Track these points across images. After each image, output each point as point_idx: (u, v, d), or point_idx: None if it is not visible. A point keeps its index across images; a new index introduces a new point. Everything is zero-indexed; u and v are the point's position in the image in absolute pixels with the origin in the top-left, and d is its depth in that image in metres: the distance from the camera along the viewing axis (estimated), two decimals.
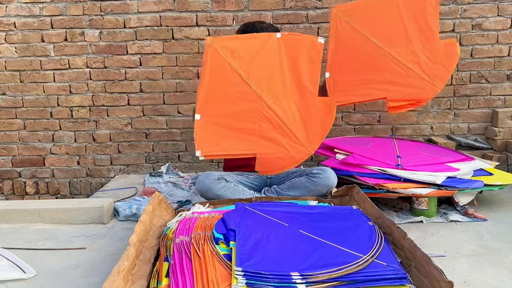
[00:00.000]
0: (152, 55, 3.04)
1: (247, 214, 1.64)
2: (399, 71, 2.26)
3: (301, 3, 2.95)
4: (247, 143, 2.04)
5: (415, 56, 2.26)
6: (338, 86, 2.27)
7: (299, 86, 2.09)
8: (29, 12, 3.00)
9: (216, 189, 2.14)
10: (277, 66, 2.08)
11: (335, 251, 1.35)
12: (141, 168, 3.17)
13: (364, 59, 2.29)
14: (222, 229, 1.51)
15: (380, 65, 2.27)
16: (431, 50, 2.26)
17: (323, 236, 1.45)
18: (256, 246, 1.36)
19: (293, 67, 2.09)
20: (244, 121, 2.05)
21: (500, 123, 2.94)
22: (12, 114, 3.13)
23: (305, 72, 2.09)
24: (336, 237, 1.45)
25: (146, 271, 1.40)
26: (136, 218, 2.12)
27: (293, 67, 2.09)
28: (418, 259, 1.32)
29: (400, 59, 2.26)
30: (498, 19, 2.94)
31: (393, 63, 2.26)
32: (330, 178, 2.13)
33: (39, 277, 1.57)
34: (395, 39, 2.27)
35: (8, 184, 3.20)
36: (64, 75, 3.08)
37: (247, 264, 1.23)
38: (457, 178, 2.12)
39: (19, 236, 1.98)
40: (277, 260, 1.29)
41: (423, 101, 2.32)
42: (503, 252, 1.70)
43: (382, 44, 2.26)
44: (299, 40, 2.11)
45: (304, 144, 2.06)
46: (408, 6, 2.28)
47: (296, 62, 2.09)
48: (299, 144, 2.05)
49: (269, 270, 1.21)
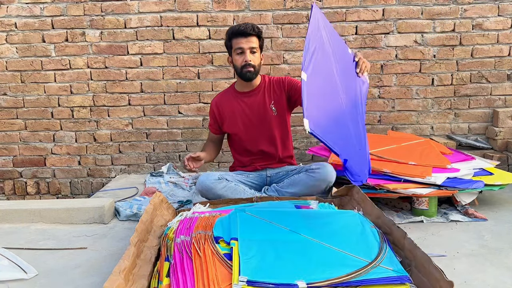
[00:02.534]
0: (152, 55, 3.04)
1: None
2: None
3: (301, 3, 2.95)
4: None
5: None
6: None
7: None
8: (30, 12, 3.01)
9: (217, 189, 2.14)
10: None
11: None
12: (142, 168, 3.18)
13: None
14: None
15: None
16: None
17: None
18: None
19: None
20: None
21: (501, 123, 2.94)
22: (13, 114, 3.13)
23: None
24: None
25: (147, 271, 1.40)
26: (137, 218, 2.12)
27: None
28: (418, 258, 1.32)
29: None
30: (498, 19, 2.94)
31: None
32: (328, 173, 2.14)
33: (40, 277, 1.57)
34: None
35: (9, 184, 3.21)
36: (65, 75, 3.08)
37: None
38: (458, 178, 2.12)
39: (20, 236, 1.98)
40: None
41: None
42: (504, 252, 1.69)
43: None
44: None
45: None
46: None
47: None
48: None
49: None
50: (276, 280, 1.20)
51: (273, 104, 2.31)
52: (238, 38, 2.20)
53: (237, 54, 2.21)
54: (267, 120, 2.30)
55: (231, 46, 2.24)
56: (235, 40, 2.21)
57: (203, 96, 3.07)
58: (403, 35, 2.97)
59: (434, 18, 2.94)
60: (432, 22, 2.95)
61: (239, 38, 2.19)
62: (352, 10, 2.95)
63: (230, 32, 2.23)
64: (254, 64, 2.21)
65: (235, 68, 2.26)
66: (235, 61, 2.24)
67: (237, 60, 2.22)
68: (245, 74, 2.22)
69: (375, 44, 2.98)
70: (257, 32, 2.22)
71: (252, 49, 2.21)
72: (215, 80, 3.05)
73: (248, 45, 2.19)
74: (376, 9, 2.94)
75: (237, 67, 2.23)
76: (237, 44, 2.20)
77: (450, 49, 2.98)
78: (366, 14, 2.95)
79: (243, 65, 2.20)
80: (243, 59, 2.20)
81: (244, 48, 2.19)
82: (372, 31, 2.96)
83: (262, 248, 1.39)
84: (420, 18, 2.95)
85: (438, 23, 2.95)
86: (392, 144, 2.51)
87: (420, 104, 3.05)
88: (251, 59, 2.20)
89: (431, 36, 2.96)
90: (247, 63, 2.19)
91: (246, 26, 2.20)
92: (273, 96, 2.31)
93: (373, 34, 2.97)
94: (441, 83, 3.02)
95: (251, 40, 2.20)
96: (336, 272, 1.23)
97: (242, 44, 2.19)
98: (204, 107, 3.08)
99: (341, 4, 2.94)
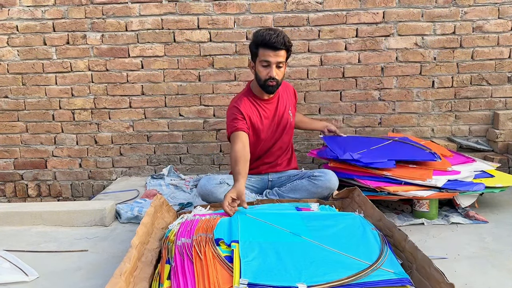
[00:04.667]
0: (153, 58, 3.05)
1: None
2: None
3: (302, 6, 2.96)
4: None
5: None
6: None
7: None
8: (31, 15, 3.01)
9: (218, 193, 2.13)
10: None
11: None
12: (143, 171, 3.18)
13: None
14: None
15: None
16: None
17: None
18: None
19: None
20: None
21: (501, 125, 2.94)
22: (14, 116, 3.14)
23: None
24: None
25: (148, 273, 1.41)
26: (137, 221, 2.13)
27: None
28: (419, 261, 1.32)
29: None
30: (498, 21, 2.94)
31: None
32: (331, 180, 2.14)
33: (41, 280, 1.57)
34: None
35: (10, 187, 3.21)
36: (66, 78, 3.09)
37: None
38: (458, 181, 2.12)
39: (21, 238, 1.99)
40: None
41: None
42: (505, 254, 1.69)
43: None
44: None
45: None
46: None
47: None
48: None
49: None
50: (277, 283, 1.20)
51: (290, 109, 2.35)
52: (267, 50, 2.10)
53: (262, 66, 2.14)
54: (286, 125, 2.33)
55: (257, 54, 2.14)
56: (262, 50, 2.11)
57: (203, 98, 3.07)
58: (404, 38, 2.97)
59: (435, 21, 2.95)
60: (432, 25, 2.95)
61: (268, 50, 2.10)
62: (353, 12, 2.95)
63: (260, 40, 2.11)
64: (278, 79, 2.16)
65: (257, 77, 2.20)
66: (258, 71, 2.16)
67: (261, 72, 2.14)
68: (267, 87, 2.17)
69: (375, 46, 2.98)
70: (287, 46, 2.13)
71: (279, 64, 2.13)
72: (216, 83, 3.05)
73: (275, 60, 2.11)
74: (376, 11, 2.95)
75: (260, 78, 2.16)
76: (264, 56, 2.11)
77: (450, 51, 2.98)
78: (367, 17, 2.95)
79: (267, 79, 2.14)
80: (268, 73, 2.13)
81: (271, 63, 2.11)
82: (373, 34, 2.97)
83: (263, 250, 1.39)
84: (420, 20, 2.95)
85: (438, 25, 2.95)
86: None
87: (420, 106, 3.05)
88: (276, 74, 2.13)
89: (431, 39, 2.96)
90: (271, 78, 2.13)
91: (278, 39, 2.07)
92: (287, 102, 2.36)
93: (373, 37, 2.97)
94: (442, 86, 3.02)
95: (280, 54, 2.11)
96: (337, 274, 1.23)
97: (270, 58, 2.10)
98: (205, 110, 3.08)
99: (341, 7, 2.94)
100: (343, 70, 3.02)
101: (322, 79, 3.03)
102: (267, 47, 2.09)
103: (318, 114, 3.06)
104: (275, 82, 2.15)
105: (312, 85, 3.03)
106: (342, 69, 3.01)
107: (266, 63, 2.12)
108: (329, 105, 3.05)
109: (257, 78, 2.20)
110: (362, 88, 3.03)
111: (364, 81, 3.02)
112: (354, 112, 3.07)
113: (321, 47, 2.99)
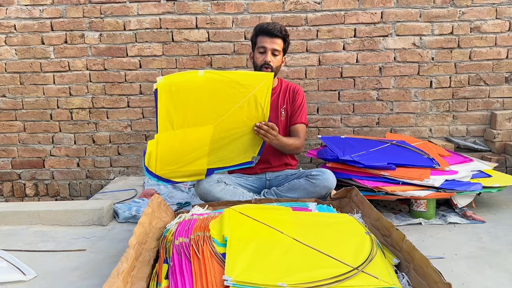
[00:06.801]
0: (152, 57, 3.05)
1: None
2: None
3: (300, 6, 2.96)
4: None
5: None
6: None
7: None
8: (29, 14, 3.01)
9: (215, 192, 2.14)
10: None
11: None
12: (141, 170, 3.18)
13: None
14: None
15: None
16: None
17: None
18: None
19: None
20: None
21: (499, 125, 2.95)
22: (12, 116, 3.13)
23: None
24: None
25: (145, 273, 1.40)
26: (135, 220, 2.12)
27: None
28: (416, 260, 1.32)
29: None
30: (496, 21, 2.95)
31: None
32: (329, 180, 2.14)
33: (39, 279, 1.57)
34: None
35: (7, 186, 3.20)
36: (64, 77, 3.08)
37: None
38: (456, 181, 2.13)
39: (19, 238, 1.98)
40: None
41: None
42: (502, 254, 1.70)
43: None
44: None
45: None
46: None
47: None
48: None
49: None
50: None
51: (284, 108, 2.33)
52: (264, 37, 2.21)
53: (259, 52, 2.23)
54: (275, 122, 2.30)
55: (256, 42, 2.25)
56: (260, 37, 2.23)
57: None
58: (402, 38, 2.98)
59: (433, 21, 2.96)
60: (430, 25, 2.96)
61: (265, 37, 2.21)
62: (351, 12, 2.96)
63: (258, 28, 2.25)
64: (273, 65, 2.22)
65: (254, 65, 2.28)
66: (255, 58, 2.26)
67: (258, 58, 2.24)
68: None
69: (373, 46, 2.99)
70: (283, 35, 2.23)
71: (274, 51, 2.22)
72: None
73: (271, 46, 2.21)
74: (374, 11, 2.95)
75: (256, 64, 2.25)
76: (261, 43, 2.22)
77: (448, 51, 2.99)
78: (365, 17, 2.96)
79: (262, 64, 2.21)
80: (263, 59, 2.21)
81: (266, 48, 2.21)
82: (371, 34, 2.97)
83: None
84: (418, 20, 2.96)
85: (436, 25, 2.96)
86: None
87: (418, 107, 3.06)
88: (271, 61, 2.21)
89: (429, 39, 2.97)
90: (266, 63, 2.20)
91: (274, 26, 2.21)
92: (286, 101, 2.35)
93: (371, 37, 2.98)
94: (440, 86, 3.03)
95: (276, 41, 2.21)
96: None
97: (266, 44, 2.21)
98: None
99: (339, 7, 2.95)
100: (341, 70, 3.02)
101: (320, 79, 3.03)
102: (264, 33, 2.22)
103: (316, 114, 3.06)
104: (269, 68, 2.21)
105: (310, 85, 3.04)
106: (340, 69, 3.02)
107: (263, 49, 2.22)
108: (327, 105, 3.06)
109: (254, 65, 2.28)
110: (360, 88, 3.04)
111: (362, 81, 3.03)
112: (352, 112, 3.07)
113: (319, 47, 2.99)
